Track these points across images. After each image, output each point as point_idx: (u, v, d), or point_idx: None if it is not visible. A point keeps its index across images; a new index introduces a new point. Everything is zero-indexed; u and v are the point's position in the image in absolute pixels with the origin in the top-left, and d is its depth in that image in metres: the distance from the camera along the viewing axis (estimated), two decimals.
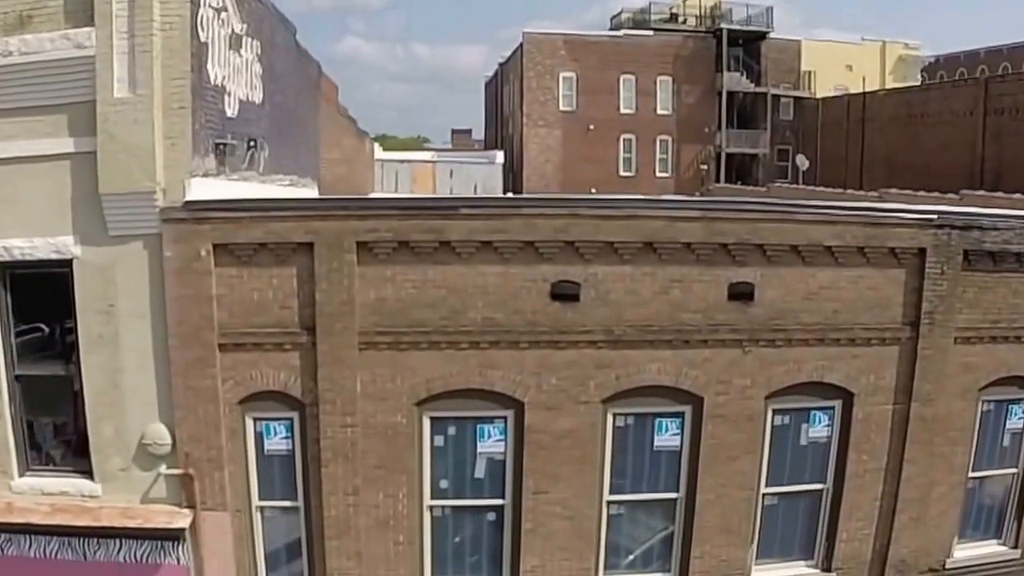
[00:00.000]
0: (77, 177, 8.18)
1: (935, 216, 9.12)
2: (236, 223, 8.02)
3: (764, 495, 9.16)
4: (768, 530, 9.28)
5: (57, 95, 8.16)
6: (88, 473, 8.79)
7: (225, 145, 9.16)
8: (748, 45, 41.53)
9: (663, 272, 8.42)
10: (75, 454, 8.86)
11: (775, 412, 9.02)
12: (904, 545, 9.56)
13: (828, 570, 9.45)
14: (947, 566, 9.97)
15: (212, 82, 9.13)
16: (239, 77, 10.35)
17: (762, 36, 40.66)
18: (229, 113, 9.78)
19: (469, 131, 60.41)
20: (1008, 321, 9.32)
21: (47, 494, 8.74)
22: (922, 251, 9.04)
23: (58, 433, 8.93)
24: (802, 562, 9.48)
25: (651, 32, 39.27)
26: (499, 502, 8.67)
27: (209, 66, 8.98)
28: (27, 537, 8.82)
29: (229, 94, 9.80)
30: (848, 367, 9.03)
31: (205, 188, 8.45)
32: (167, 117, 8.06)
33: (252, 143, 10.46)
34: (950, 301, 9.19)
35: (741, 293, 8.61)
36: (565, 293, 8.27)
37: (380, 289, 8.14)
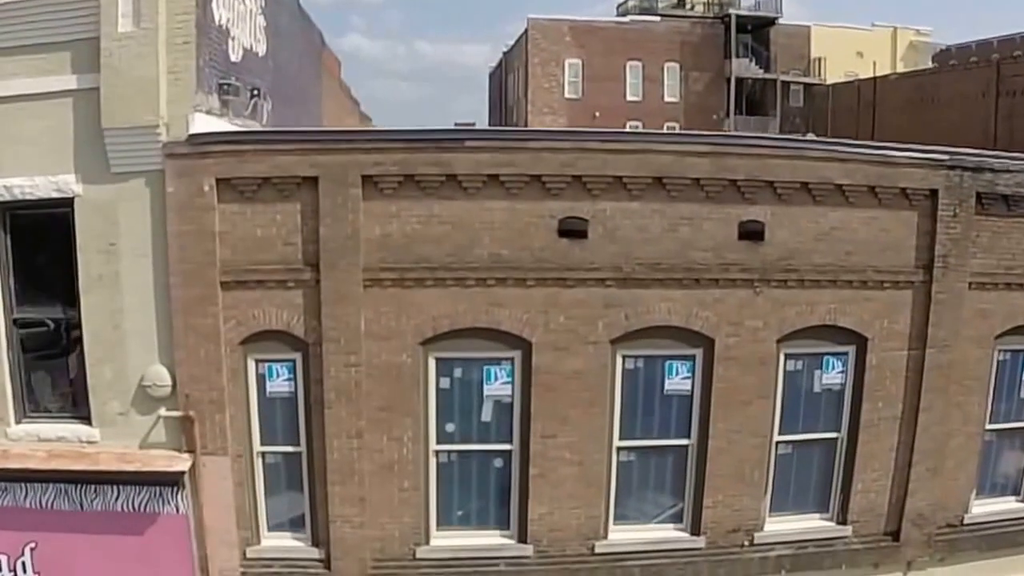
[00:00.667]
0: (80, 115, 8.36)
1: (946, 157, 9.26)
2: (240, 157, 8.17)
3: (777, 443, 9.22)
4: (782, 480, 9.34)
5: (60, 32, 8.36)
6: (86, 418, 8.93)
7: (229, 86, 9.33)
8: (757, 31, 41.82)
9: (672, 209, 8.54)
10: (73, 399, 8.99)
11: (788, 357, 9.10)
12: (921, 498, 9.62)
13: (843, 523, 9.50)
14: (965, 522, 10.07)
15: (216, 22, 9.31)
16: (243, 24, 10.56)
17: (771, 22, 40.94)
18: (233, 57, 9.99)
19: (472, 124, 60.79)
20: None
21: (44, 440, 8.87)
22: (934, 192, 9.17)
23: (56, 378, 9.09)
24: (817, 515, 9.51)
25: (658, 18, 39.57)
26: (506, 447, 8.75)
27: (214, 5, 9.16)
28: (23, 486, 8.92)
29: (233, 38, 10.00)
30: (861, 311, 9.15)
31: (208, 127, 8.60)
32: (171, 52, 8.25)
33: (255, 92, 10.64)
34: (964, 245, 9.30)
35: (751, 232, 8.73)
36: (573, 229, 8.39)
37: (385, 225, 8.26)
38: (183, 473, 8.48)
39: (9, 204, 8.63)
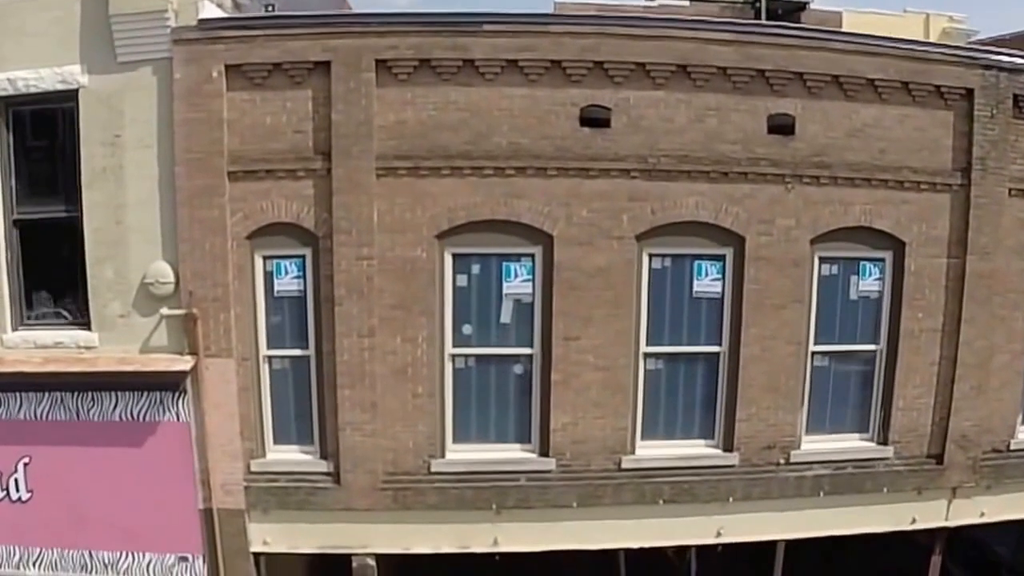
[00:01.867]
0: (87, 4, 8.33)
1: (982, 55, 9.13)
2: (250, 42, 8.10)
3: (813, 353, 8.96)
4: (819, 395, 9.10)
5: None
6: (85, 323, 8.74)
7: None
8: (787, 16, 41.38)
9: (698, 99, 8.38)
10: (72, 302, 8.80)
11: (822, 260, 8.89)
12: (965, 418, 9.29)
13: (884, 443, 9.18)
14: (1011, 447, 9.67)
15: None
16: None
17: (802, 7, 40.21)
18: None
19: None
20: None
21: (41, 347, 8.65)
22: (969, 92, 9.03)
23: (55, 281, 8.90)
24: (856, 435, 9.21)
25: (687, 2, 38.97)
26: (527, 351, 8.51)
27: None
28: (17, 396, 8.68)
29: None
30: (898, 213, 8.92)
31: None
32: None
33: (270, 6, 10.54)
34: (1002, 148, 9.14)
35: (781, 125, 8.61)
36: (595, 118, 8.30)
37: (400, 112, 8.14)
38: (185, 374, 8.21)
39: (12, 99, 8.57)
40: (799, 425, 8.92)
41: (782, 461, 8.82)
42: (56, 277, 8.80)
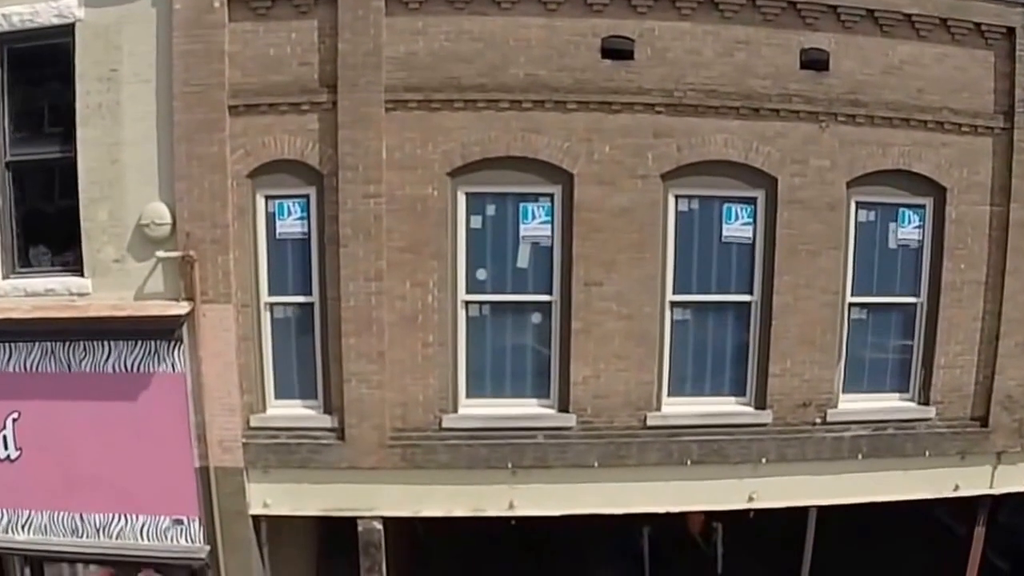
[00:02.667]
0: None
1: None
2: None
3: (850, 305, 7.83)
4: (856, 351, 7.92)
5: None
6: (78, 269, 7.72)
7: None
8: None
9: (727, 32, 7.35)
10: (65, 247, 7.79)
11: (859, 205, 7.79)
12: (1010, 377, 8.10)
13: (926, 403, 7.99)
14: None
15: None
16: None
17: None
18: None
19: None
20: None
21: (32, 294, 7.61)
22: (1010, 31, 7.96)
23: (48, 226, 7.90)
24: (896, 394, 8.00)
25: None
26: (546, 298, 7.44)
27: None
28: (5, 347, 7.64)
29: None
30: (938, 157, 7.83)
31: None
32: None
33: None
34: None
35: (814, 61, 7.54)
36: (617, 49, 7.25)
37: (410, 42, 7.13)
38: (179, 319, 7.11)
39: (6, 35, 7.62)
40: (836, 382, 7.78)
41: (818, 420, 7.68)
42: (49, 222, 7.79)
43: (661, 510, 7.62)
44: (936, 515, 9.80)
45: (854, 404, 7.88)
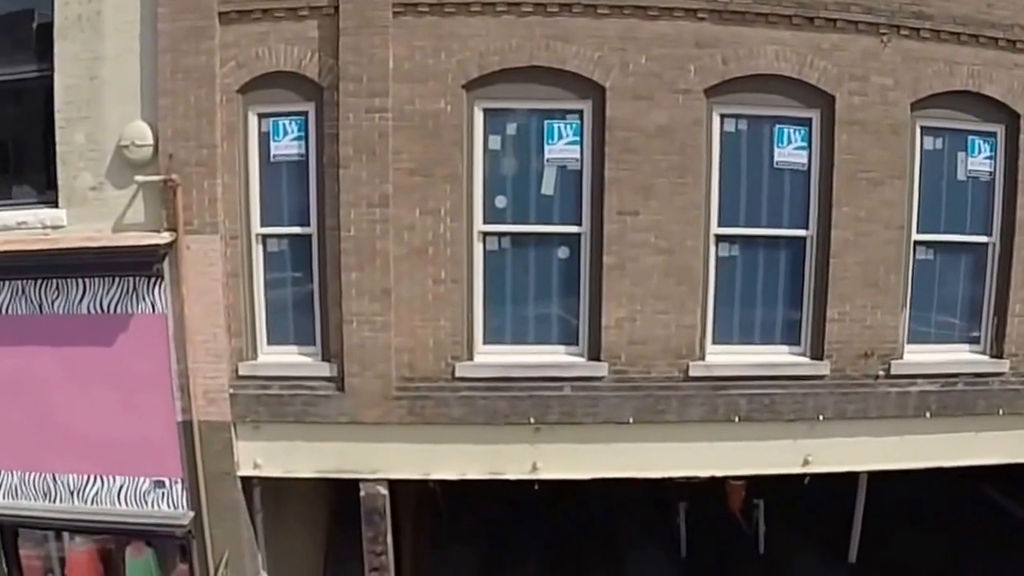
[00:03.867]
0: None
1: None
2: None
3: (916, 243, 6.19)
4: (922, 296, 6.22)
5: None
6: (52, 200, 6.27)
7: None
8: None
9: None
10: (38, 176, 6.32)
11: (924, 131, 6.17)
12: None
13: (999, 356, 6.29)
14: None
15: None
16: None
17: None
18: None
19: None
20: None
21: (2, 228, 6.08)
22: None
23: (20, 153, 6.51)
24: (966, 345, 6.28)
25: None
26: (574, 230, 5.85)
27: None
28: None
29: None
30: (1010, 79, 6.22)
31: None
32: None
33: None
34: None
35: None
36: None
37: None
38: (160, 251, 5.57)
39: None
40: (901, 329, 6.11)
41: (881, 373, 6.00)
42: (21, 149, 6.35)
43: (704, 474, 6.05)
44: (985, 493, 8.33)
45: (920, 356, 6.18)
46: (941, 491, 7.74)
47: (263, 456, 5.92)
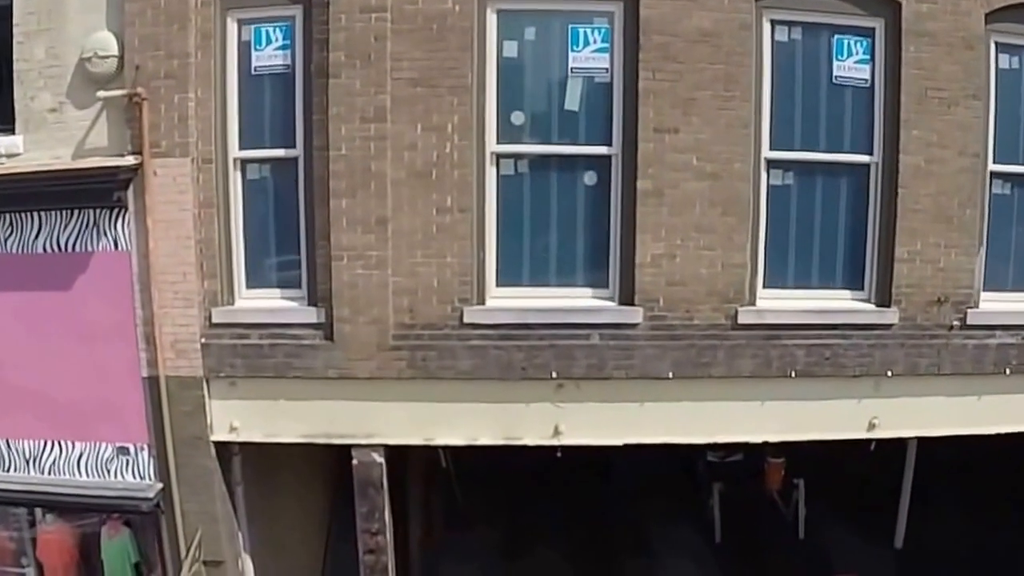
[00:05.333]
0: None
1: None
2: None
3: (992, 175, 4.69)
4: (999, 235, 4.66)
5: None
6: (8, 127, 4.80)
7: None
8: None
9: None
10: None
11: (1000, 48, 4.71)
12: None
13: None
14: None
15: None
16: None
17: None
18: None
19: None
20: None
21: None
22: None
23: None
24: None
25: None
26: (603, 151, 4.36)
27: None
28: None
29: None
30: None
31: None
32: None
33: None
34: None
35: None
36: None
37: None
38: (122, 176, 4.13)
39: None
40: (977, 274, 4.61)
41: (956, 323, 4.47)
42: None
43: (756, 439, 4.45)
44: None
45: (997, 304, 4.64)
46: (1007, 463, 5.75)
47: (240, 418, 4.42)
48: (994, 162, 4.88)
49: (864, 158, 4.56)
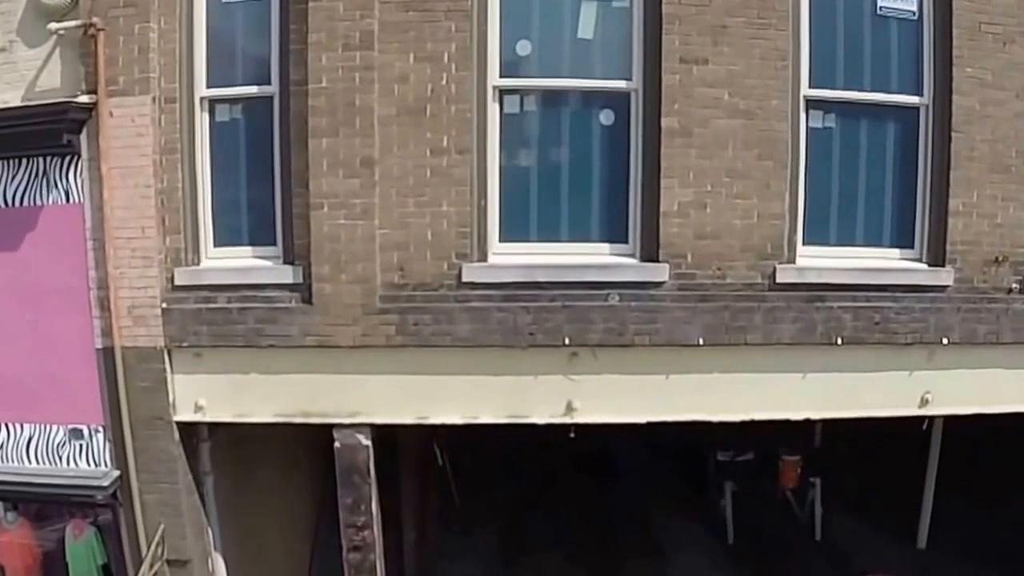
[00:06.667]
0: None
1: None
2: None
3: None
4: None
5: None
6: None
7: None
8: None
9: None
10: None
11: None
12: None
13: None
14: None
15: None
16: None
17: None
18: None
19: None
20: None
21: None
22: None
23: None
24: None
25: None
26: (622, 85, 3.41)
27: None
28: None
29: None
30: None
31: None
32: None
33: None
34: None
35: None
36: None
37: None
38: (72, 114, 3.23)
39: None
40: None
41: (1016, 286, 3.51)
42: None
43: (798, 416, 3.43)
44: None
45: None
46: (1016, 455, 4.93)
47: (206, 395, 3.42)
48: None
49: (913, 99, 3.58)
